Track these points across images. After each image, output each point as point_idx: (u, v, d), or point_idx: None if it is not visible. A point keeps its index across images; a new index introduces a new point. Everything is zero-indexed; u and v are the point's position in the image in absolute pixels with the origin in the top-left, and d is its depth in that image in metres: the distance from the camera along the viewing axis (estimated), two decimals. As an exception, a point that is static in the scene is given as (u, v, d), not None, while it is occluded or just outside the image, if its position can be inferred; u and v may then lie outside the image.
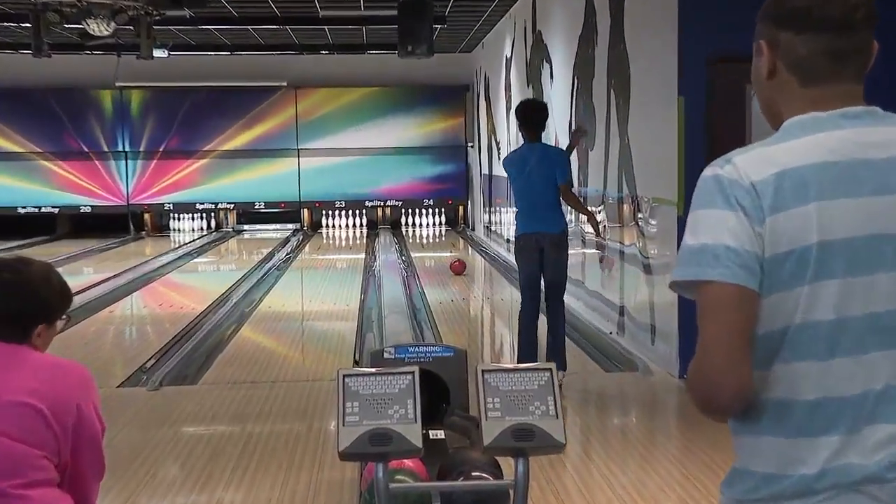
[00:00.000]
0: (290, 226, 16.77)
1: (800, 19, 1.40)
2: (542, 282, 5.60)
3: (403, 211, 16.81)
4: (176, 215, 16.79)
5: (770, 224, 1.35)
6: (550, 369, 2.34)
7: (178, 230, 16.70)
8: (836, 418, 1.35)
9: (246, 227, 16.94)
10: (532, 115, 5.68)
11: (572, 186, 5.75)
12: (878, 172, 1.37)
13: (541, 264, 5.53)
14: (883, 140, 1.38)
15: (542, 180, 5.54)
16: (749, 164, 1.38)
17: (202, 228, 16.77)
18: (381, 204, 16.67)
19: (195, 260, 13.19)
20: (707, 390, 1.36)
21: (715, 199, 1.37)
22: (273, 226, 16.82)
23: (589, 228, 6.65)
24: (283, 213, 16.72)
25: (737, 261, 1.34)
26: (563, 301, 5.64)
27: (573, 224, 7.65)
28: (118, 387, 5.84)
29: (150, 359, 6.63)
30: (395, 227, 16.62)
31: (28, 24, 9.53)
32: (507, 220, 12.48)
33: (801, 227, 1.35)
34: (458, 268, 10.91)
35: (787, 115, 1.43)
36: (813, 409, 1.36)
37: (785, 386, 1.37)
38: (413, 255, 12.97)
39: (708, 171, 1.40)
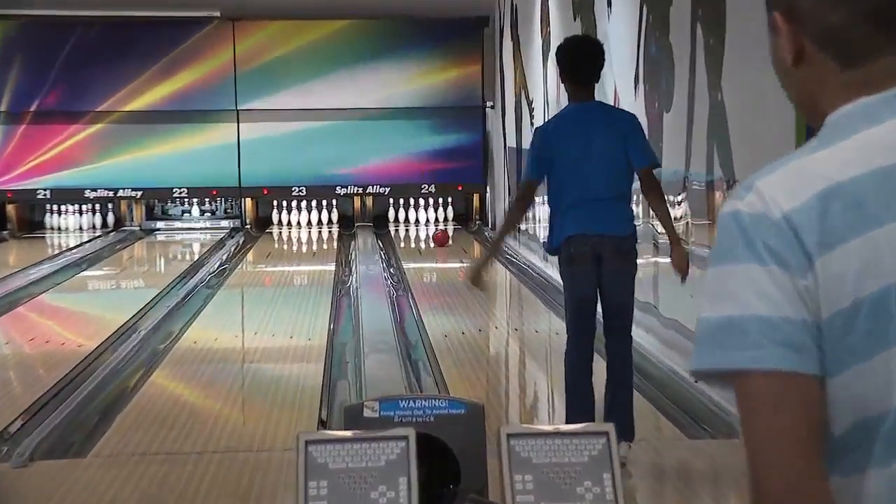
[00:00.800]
0: (224, 223, 16.84)
1: None
2: (600, 307, 5.60)
3: (392, 202, 16.89)
4: (55, 207, 16.85)
5: (821, 269, 1.36)
6: (607, 433, 2.36)
7: (58, 229, 16.74)
8: None
9: (160, 224, 17.00)
10: (583, 59, 5.65)
11: (657, 168, 5.75)
12: None
13: (598, 282, 5.53)
14: None
15: (608, 158, 5.52)
16: (778, 186, 1.40)
17: (94, 226, 16.82)
18: (360, 191, 16.74)
19: (84, 273, 13.19)
20: None
21: (735, 247, 1.39)
22: (200, 223, 16.86)
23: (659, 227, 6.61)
24: (216, 204, 16.83)
25: (775, 337, 1.36)
26: (630, 335, 5.66)
27: (640, 221, 7.75)
28: (-30, 461, 5.85)
29: (15, 420, 6.61)
30: (379, 224, 16.67)
31: None
32: (544, 214, 12.42)
33: (868, 265, 1.35)
34: (441, 239, 10.68)
35: (830, 109, 1.45)
36: None
37: (889, 498, 1.37)
38: (406, 266, 13.05)
39: (726, 207, 1.43)
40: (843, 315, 1.36)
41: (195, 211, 17.13)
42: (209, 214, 17.05)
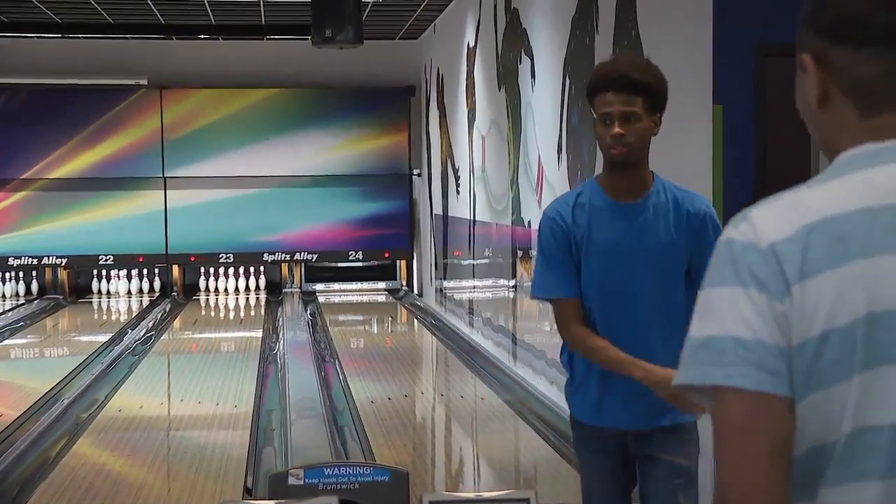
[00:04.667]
0: (151, 289, 16.89)
1: (857, 31, 1.51)
2: None
3: (319, 268, 17.02)
4: (-23, 275, 16.70)
5: (798, 296, 1.43)
6: (528, 499, 2.39)
7: (-19, 297, 16.63)
8: None
9: (85, 291, 16.90)
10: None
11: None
12: None
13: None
14: None
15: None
16: (770, 218, 1.48)
17: (17, 294, 16.68)
18: (287, 258, 16.82)
19: (6, 342, 13.12)
20: None
21: (724, 272, 1.48)
22: (125, 289, 16.84)
23: None
24: (141, 270, 16.80)
25: (749, 358, 1.43)
26: None
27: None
28: None
29: (-66, 490, 6.56)
30: (307, 292, 16.84)
31: None
32: (467, 281, 12.58)
33: (841, 297, 1.42)
34: None
35: (843, 151, 1.54)
36: None
37: None
38: (333, 331, 13.19)
39: (723, 234, 1.52)
40: (812, 343, 1.43)
41: (118, 275, 16.93)
42: (132, 272, 16.92)
